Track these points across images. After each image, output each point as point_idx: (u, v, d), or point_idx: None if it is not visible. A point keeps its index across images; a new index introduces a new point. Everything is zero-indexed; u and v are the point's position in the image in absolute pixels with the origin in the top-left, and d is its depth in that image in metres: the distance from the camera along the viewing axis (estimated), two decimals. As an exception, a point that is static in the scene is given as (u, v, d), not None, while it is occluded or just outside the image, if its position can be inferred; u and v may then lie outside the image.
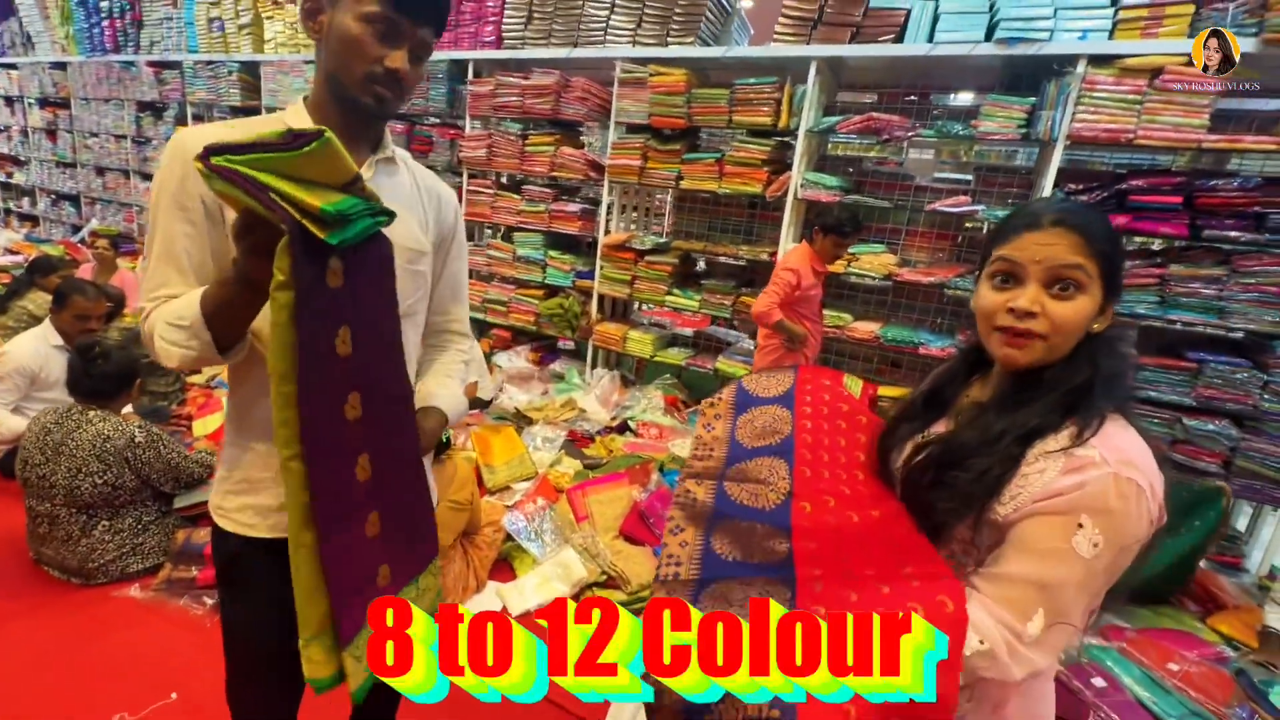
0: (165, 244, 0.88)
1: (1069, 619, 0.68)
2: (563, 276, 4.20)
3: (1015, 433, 0.73)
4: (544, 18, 3.91)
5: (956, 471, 0.75)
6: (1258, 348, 2.73)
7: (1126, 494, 0.66)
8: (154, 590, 2.02)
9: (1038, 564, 0.68)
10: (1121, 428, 0.72)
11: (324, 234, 0.69)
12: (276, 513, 0.95)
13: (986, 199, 3.28)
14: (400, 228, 0.95)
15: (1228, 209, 2.53)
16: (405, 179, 1.04)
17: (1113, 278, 0.75)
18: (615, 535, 2.38)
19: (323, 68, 0.91)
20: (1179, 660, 1.92)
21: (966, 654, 0.64)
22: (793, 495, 0.80)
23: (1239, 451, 2.64)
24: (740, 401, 0.97)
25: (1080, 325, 0.74)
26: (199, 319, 0.81)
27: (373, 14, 0.85)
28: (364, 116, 0.93)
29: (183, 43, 5.73)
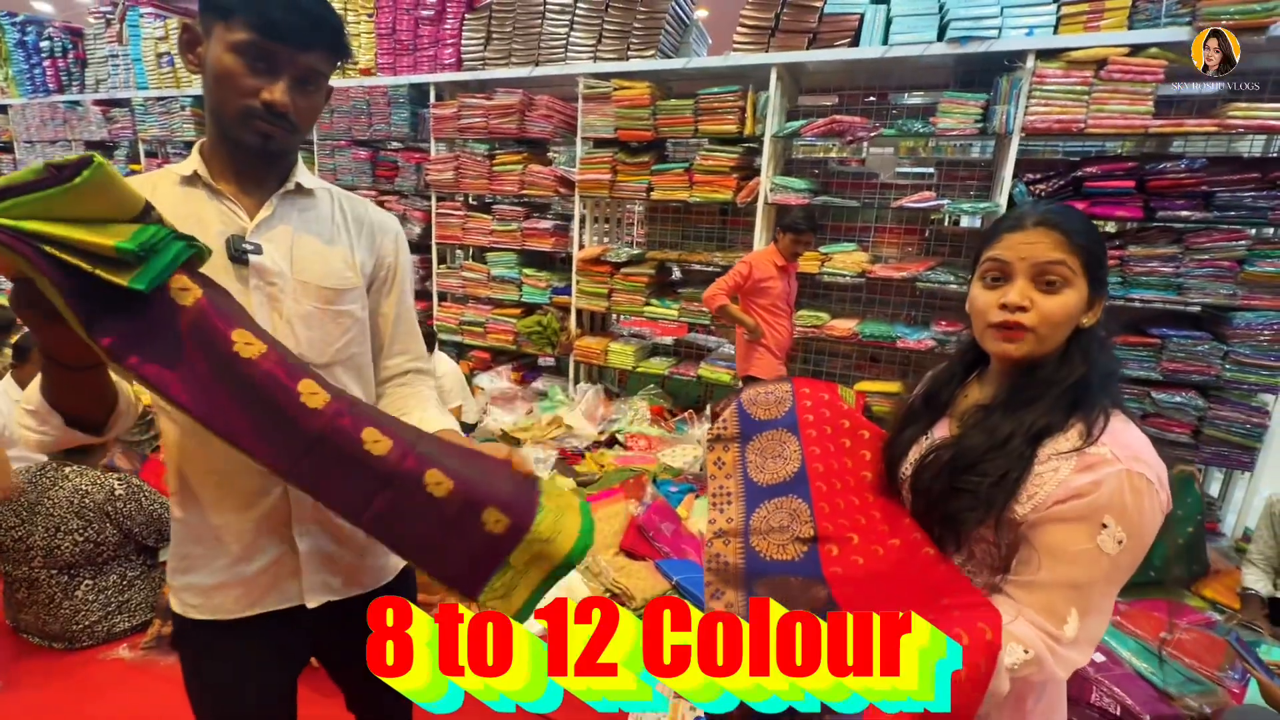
0: None
1: (1104, 614, 0.72)
2: (539, 294, 4.19)
3: (1024, 433, 0.76)
4: (503, 38, 3.91)
5: (972, 476, 0.77)
6: (1215, 320, 2.85)
7: (1140, 489, 0.70)
8: (143, 649, 1.95)
9: (1068, 568, 0.71)
10: (1124, 424, 0.76)
11: (126, 280, 0.58)
12: (213, 592, 0.88)
13: (949, 193, 3.37)
14: (316, 265, 0.89)
15: (1177, 190, 2.65)
16: (325, 210, 0.93)
17: (1096, 272, 0.78)
18: (615, 551, 2.37)
19: (206, 104, 0.83)
20: (1171, 629, 1.98)
21: (1014, 664, 0.68)
22: (817, 540, 0.81)
23: (1206, 420, 2.75)
24: (745, 430, 0.97)
25: (1067, 318, 0.77)
26: (41, 403, 0.74)
27: (242, 43, 0.76)
28: (254, 156, 0.85)
29: (131, 79, 5.58)
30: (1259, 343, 2.63)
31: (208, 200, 0.85)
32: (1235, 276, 2.63)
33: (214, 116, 0.83)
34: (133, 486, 2.00)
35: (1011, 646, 0.68)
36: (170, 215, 0.69)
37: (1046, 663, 0.69)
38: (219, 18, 0.77)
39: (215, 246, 0.80)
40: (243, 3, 0.76)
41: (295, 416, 0.68)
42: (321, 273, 0.90)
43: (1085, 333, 0.79)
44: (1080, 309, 0.78)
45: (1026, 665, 0.68)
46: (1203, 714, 1.68)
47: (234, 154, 0.85)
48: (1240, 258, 2.61)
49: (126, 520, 1.96)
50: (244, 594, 0.89)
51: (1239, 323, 2.65)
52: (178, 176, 0.85)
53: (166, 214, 0.69)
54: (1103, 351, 0.79)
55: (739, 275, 2.95)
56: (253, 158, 0.85)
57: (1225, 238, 2.63)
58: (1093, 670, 1.80)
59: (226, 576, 0.88)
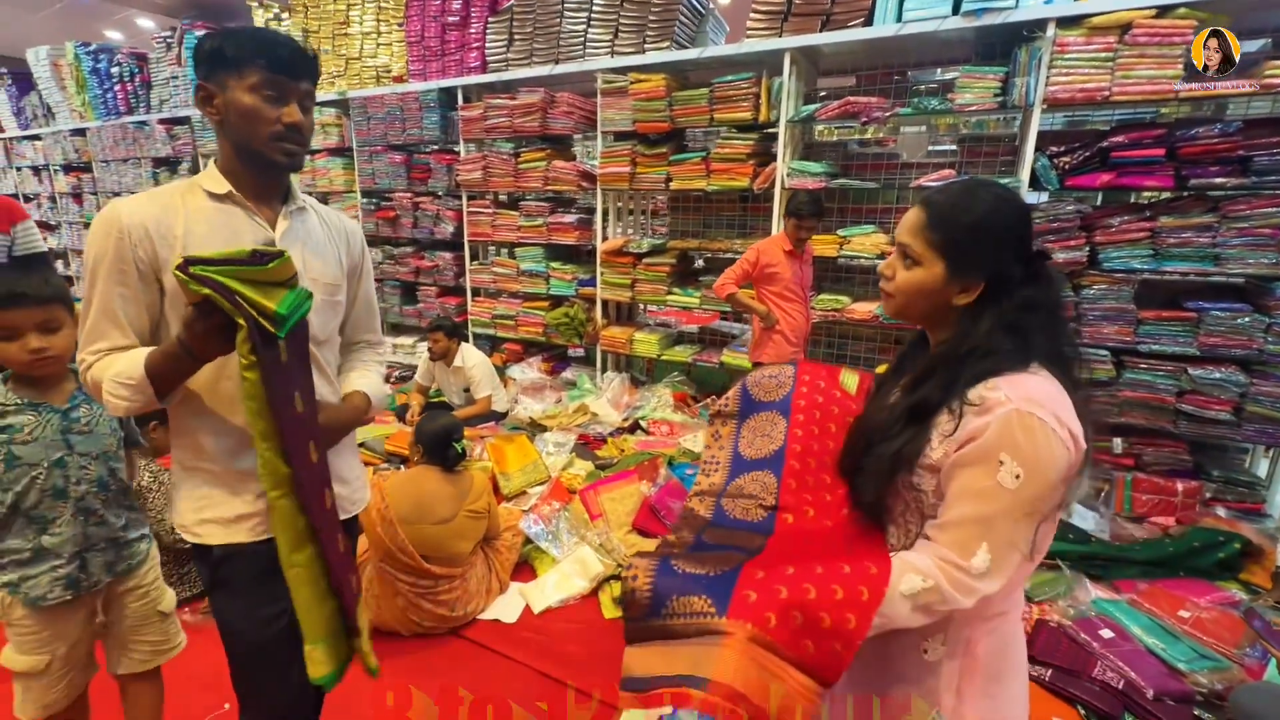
0: (104, 304, 1.00)
1: (1014, 546, 0.77)
2: (566, 286, 4.31)
3: (907, 413, 0.84)
4: (524, 39, 4.03)
5: (868, 459, 0.87)
6: (1257, 291, 2.71)
7: (1030, 426, 0.74)
8: (202, 614, 2.17)
9: (972, 505, 0.77)
10: (1036, 376, 0.80)
11: (277, 330, 0.90)
12: (233, 524, 1.09)
13: (972, 169, 3.30)
14: (318, 265, 1.14)
15: (1211, 156, 2.53)
16: (314, 220, 1.18)
17: (956, 257, 0.83)
18: (628, 530, 2.47)
19: (228, 140, 1.05)
20: (1190, 607, 1.93)
21: (912, 590, 0.75)
22: (778, 508, 0.90)
23: (1248, 397, 2.62)
24: (744, 408, 1.04)
25: (915, 291, 0.86)
26: (143, 379, 0.96)
27: (258, 83, 1.00)
28: (274, 173, 1.08)
29: (189, 99, 6.00)
30: (1305, 314, 2.50)
31: (240, 215, 1.07)
32: (1277, 244, 2.50)
33: (240, 147, 1.05)
34: (161, 480, 2.06)
35: (909, 577, 0.76)
36: (208, 228, 1.03)
37: (945, 589, 0.76)
38: (231, 70, 1.00)
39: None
40: (249, 53, 0.99)
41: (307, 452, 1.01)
42: (323, 271, 1.16)
43: (970, 311, 0.84)
44: (934, 286, 0.85)
45: (926, 593, 0.76)
46: (1213, 690, 1.65)
47: (257, 174, 1.07)
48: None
49: (149, 515, 1.97)
50: (259, 523, 1.10)
51: (1283, 293, 2.52)
52: (206, 193, 1.06)
53: (205, 227, 1.03)
54: (974, 327, 0.83)
55: (746, 263, 2.98)
56: (273, 175, 1.09)
57: (1265, 204, 2.50)
58: (1099, 645, 1.79)
59: (243, 509, 1.09)
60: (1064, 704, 1.65)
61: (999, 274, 0.83)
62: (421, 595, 2.03)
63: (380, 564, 2.03)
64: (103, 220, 1.00)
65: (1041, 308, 0.82)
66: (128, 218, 0.99)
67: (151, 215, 1.01)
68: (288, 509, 0.96)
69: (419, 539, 2.01)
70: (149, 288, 1.02)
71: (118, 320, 1.01)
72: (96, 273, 1.00)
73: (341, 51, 4.89)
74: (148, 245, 1.00)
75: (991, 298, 0.83)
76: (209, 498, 1.09)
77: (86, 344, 1.02)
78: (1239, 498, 2.72)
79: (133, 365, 0.96)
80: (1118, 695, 1.64)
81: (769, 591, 0.72)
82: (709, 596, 0.73)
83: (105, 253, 0.99)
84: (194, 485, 1.10)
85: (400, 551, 1.98)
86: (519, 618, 2.16)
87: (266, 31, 1.03)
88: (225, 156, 1.07)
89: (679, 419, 3.66)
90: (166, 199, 1.04)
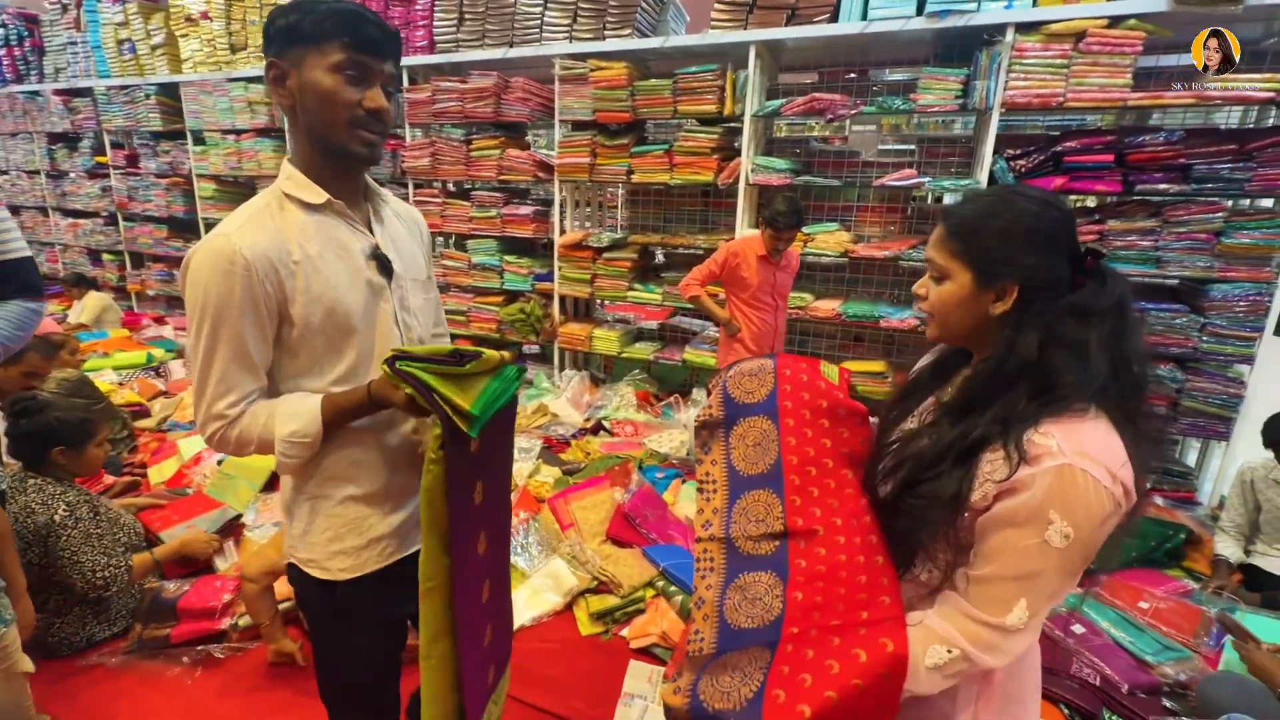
0: (237, 349, 0.91)
1: (1053, 600, 0.74)
2: (521, 280, 4.14)
3: (959, 448, 0.78)
4: (476, 18, 3.81)
5: (916, 500, 0.80)
6: (1192, 293, 2.88)
7: (1077, 483, 0.69)
8: (125, 654, 1.92)
9: (1015, 562, 0.72)
10: (1087, 420, 0.73)
11: (467, 428, 0.89)
12: (363, 550, 1.05)
13: (931, 170, 3.36)
14: (411, 263, 1.09)
15: (1156, 163, 2.65)
16: (391, 215, 1.10)
17: (981, 262, 0.79)
18: (602, 540, 2.37)
19: (303, 128, 0.94)
20: (1148, 598, 2.02)
21: (940, 663, 0.73)
22: (787, 535, 0.86)
23: (1184, 393, 2.78)
24: (729, 414, 0.98)
25: (948, 305, 0.83)
26: (320, 434, 0.95)
27: (341, 62, 0.89)
28: (353, 166, 0.98)
29: (91, 67, 5.40)
30: (1235, 314, 2.66)
31: (342, 226, 0.99)
32: (1212, 249, 2.65)
33: (317, 136, 0.94)
34: (80, 517, 1.84)
35: (934, 649, 0.73)
36: (319, 246, 0.94)
37: (973, 654, 0.72)
38: (310, 44, 0.89)
39: (361, 264, 0.99)
40: (333, 27, 0.88)
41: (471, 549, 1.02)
42: (416, 269, 1.11)
43: (1008, 323, 0.79)
44: (965, 296, 0.81)
45: (953, 663, 0.72)
46: (1178, 680, 1.71)
47: (338, 170, 0.97)
48: (1217, 230, 2.63)
49: (59, 555, 1.79)
50: (385, 546, 1.07)
51: (1215, 294, 2.68)
52: (301, 204, 0.95)
53: (315, 246, 0.94)
54: (1019, 339, 0.77)
55: (714, 264, 2.84)
56: (356, 169, 0.99)
57: (1202, 210, 2.64)
58: (1073, 642, 1.84)
59: (375, 534, 1.06)
60: (1048, 704, 1.68)
61: (1036, 277, 0.77)
62: (382, 622, 1.87)
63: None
64: (219, 256, 0.88)
65: (1095, 314, 0.75)
66: (249, 250, 0.88)
67: (268, 243, 0.91)
68: (437, 602, 0.94)
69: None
70: (273, 324, 0.94)
71: (251, 365, 0.93)
72: (224, 316, 0.89)
73: (270, 23, 4.50)
74: (274, 278, 0.91)
75: (1034, 305, 0.77)
76: (341, 526, 1.04)
77: (217, 396, 0.92)
78: (1174, 487, 2.90)
79: (309, 423, 0.94)
80: (1095, 691, 1.69)
81: (794, 714, 0.71)
82: None
83: (231, 292, 0.88)
84: (326, 515, 1.04)
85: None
86: (489, 639, 2.03)
87: (348, 4, 0.90)
88: (303, 153, 0.97)
89: (643, 419, 3.58)
90: (268, 221, 0.93)
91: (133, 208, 5.62)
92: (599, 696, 1.81)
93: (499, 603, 1.14)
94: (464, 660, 0.98)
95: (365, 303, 0.98)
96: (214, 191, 5.21)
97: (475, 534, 1.00)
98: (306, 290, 0.93)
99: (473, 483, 0.98)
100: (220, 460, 2.88)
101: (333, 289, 0.95)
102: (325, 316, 0.94)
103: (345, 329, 0.97)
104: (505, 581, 1.18)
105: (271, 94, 0.95)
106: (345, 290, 0.96)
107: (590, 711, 1.77)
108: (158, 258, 5.80)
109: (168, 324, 5.43)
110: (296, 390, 0.98)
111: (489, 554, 1.05)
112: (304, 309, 0.93)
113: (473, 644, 1.01)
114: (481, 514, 1.01)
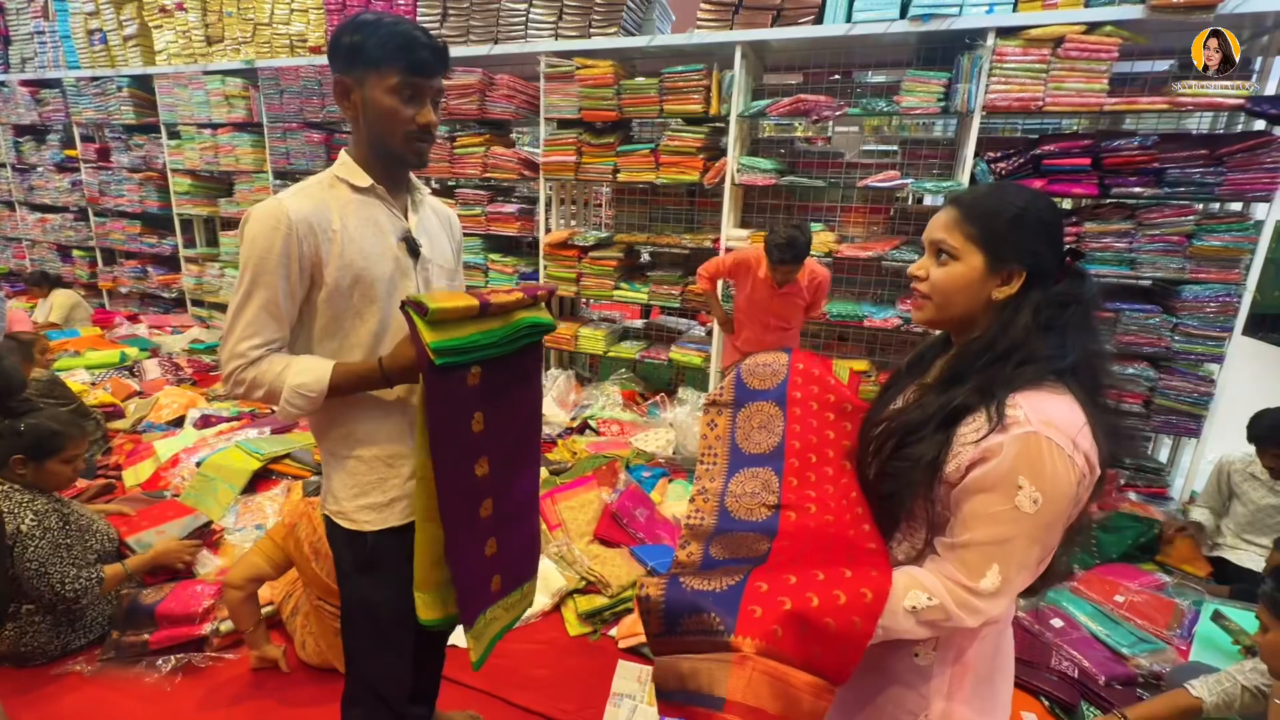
0: (268, 299, 1.02)
1: (1024, 567, 0.77)
2: (506, 279, 4.11)
3: (941, 414, 0.82)
4: (460, 14, 3.77)
5: (901, 463, 0.84)
6: (1165, 293, 2.95)
7: (1044, 450, 0.74)
8: (101, 661, 1.88)
9: (988, 528, 0.77)
10: (1052, 394, 0.78)
11: (431, 357, 0.98)
12: (386, 507, 1.16)
13: (913, 171, 3.40)
14: (440, 253, 1.21)
15: (1130, 167, 2.71)
16: (428, 210, 1.22)
17: (994, 245, 0.82)
18: (590, 540, 2.37)
19: (363, 132, 1.08)
20: (1124, 592, 2.07)
21: (919, 605, 0.76)
22: (780, 506, 0.88)
23: (1157, 391, 2.86)
24: (739, 397, 1.03)
25: (954, 287, 0.85)
26: (324, 392, 1.04)
27: (397, 85, 1.03)
28: (405, 169, 1.14)
29: (60, 58, 5.25)
30: (1205, 315, 2.74)
31: (381, 207, 1.11)
32: (1184, 251, 2.72)
33: (375, 142, 1.08)
34: (49, 526, 1.77)
35: (914, 592, 0.77)
36: (358, 220, 1.07)
37: (951, 609, 0.76)
38: (370, 69, 1.02)
39: (392, 243, 1.11)
40: (391, 53, 1.01)
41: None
42: (445, 258, 1.23)
43: (1005, 307, 0.83)
44: (974, 280, 0.84)
45: (930, 610, 0.76)
46: (1152, 671, 1.76)
47: (390, 168, 1.11)
48: (1189, 232, 2.70)
49: (26, 566, 1.72)
50: (407, 505, 1.17)
51: (1187, 295, 2.75)
52: (349, 186, 1.09)
53: (355, 220, 1.07)
54: (1014, 322, 0.81)
55: (723, 263, 2.87)
56: (406, 169, 1.14)
57: (1175, 213, 2.71)
58: (1052, 636, 1.88)
59: (396, 494, 1.16)
60: (1028, 696, 1.71)
61: (1040, 265, 0.82)
62: (368, 625, 1.85)
63: (317, 601, 1.83)
64: (269, 215, 1.01)
65: (1075, 304, 0.81)
66: (294, 213, 1.01)
67: (312, 210, 1.03)
68: (423, 493, 1.05)
69: (363, 564, 1.81)
70: (304, 282, 1.05)
71: (278, 315, 1.04)
72: (264, 267, 1.01)
73: (249, 15, 4.41)
74: (312, 240, 1.03)
75: (1033, 292, 0.82)
76: (365, 484, 1.15)
77: (244, 337, 1.03)
78: (1147, 483, 2.97)
79: (317, 380, 1.03)
80: (1074, 683, 1.73)
81: (773, 604, 0.74)
82: (717, 613, 0.75)
83: (273, 247, 1.01)
84: (349, 472, 1.15)
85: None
86: (477, 641, 2.02)
87: (404, 26, 1.02)
88: (361, 149, 1.10)
89: (629, 418, 3.58)
90: (317, 193, 1.06)
91: (104, 202, 5.48)
92: (587, 697, 1.82)
93: (513, 524, 1.22)
94: (453, 557, 1.08)
95: (390, 277, 1.10)
96: (190, 186, 5.09)
97: (471, 456, 1.08)
98: (340, 256, 1.05)
99: (470, 411, 1.07)
100: (199, 461, 2.82)
101: (363, 258, 1.07)
102: (353, 282, 1.06)
103: (369, 297, 1.08)
104: (526, 508, 1.27)
105: (336, 103, 1.08)
106: (374, 262, 1.08)
107: (579, 712, 1.77)
108: (130, 254, 5.66)
109: (141, 322, 5.31)
110: (320, 349, 1.10)
111: (492, 477, 1.12)
112: (336, 273, 1.05)
113: (463, 548, 1.10)
114: (482, 441, 1.09)
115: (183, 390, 3.82)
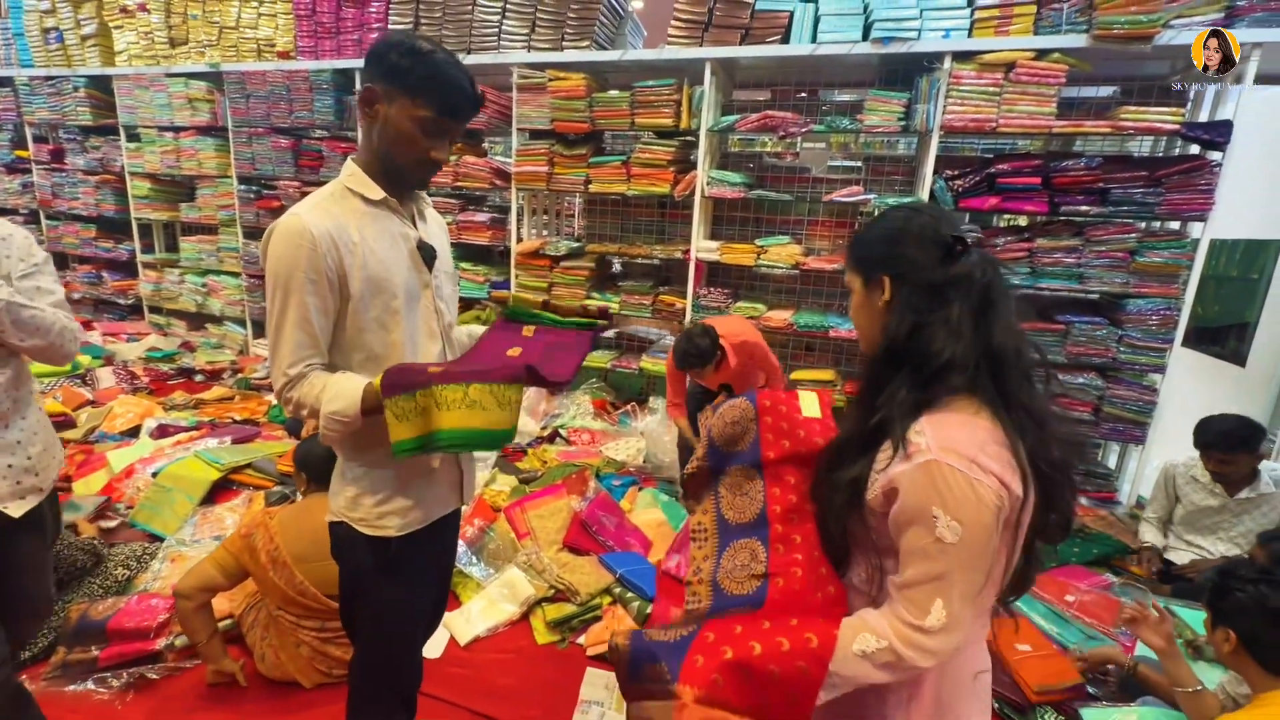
0: (301, 316, 1.03)
1: (967, 598, 0.76)
2: (477, 288, 4.09)
3: (860, 437, 0.85)
4: (432, 24, 3.78)
5: (827, 490, 0.87)
6: (1111, 306, 3.10)
7: (944, 476, 0.73)
8: (46, 679, 1.80)
9: (922, 564, 0.76)
10: (957, 413, 0.78)
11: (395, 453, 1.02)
12: (409, 510, 1.17)
13: (877, 187, 3.51)
14: (443, 255, 1.23)
15: (1078, 186, 2.85)
16: (430, 214, 1.24)
17: (864, 264, 0.90)
18: (559, 548, 2.37)
19: (374, 142, 1.08)
20: (1074, 592, 2.16)
21: (868, 650, 0.76)
22: (768, 575, 0.91)
23: (1105, 399, 2.99)
24: (714, 465, 1.03)
25: (857, 316, 0.92)
26: (358, 417, 1.02)
27: (424, 118, 1.03)
28: (405, 187, 1.15)
29: (13, 56, 5.08)
30: (1148, 327, 2.88)
31: (394, 219, 1.13)
32: (1128, 266, 2.87)
33: (384, 155, 1.08)
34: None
35: (863, 636, 0.77)
36: (375, 231, 1.09)
37: (900, 650, 0.75)
38: (406, 92, 1.02)
39: (406, 253, 1.13)
40: (431, 90, 1.02)
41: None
42: (446, 263, 1.25)
43: (889, 313, 0.85)
44: (862, 301, 0.90)
45: (881, 652, 0.76)
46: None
47: (397, 182, 1.12)
48: (1132, 249, 2.84)
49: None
50: (430, 508, 1.21)
51: (1131, 309, 2.89)
52: (360, 197, 1.09)
53: (372, 231, 1.08)
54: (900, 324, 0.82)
55: (669, 387, 2.85)
56: (411, 186, 1.16)
57: (1119, 230, 2.86)
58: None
59: (417, 499, 1.17)
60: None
61: (900, 266, 0.84)
62: (328, 641, 1.81)
63: (277, 611, 1.79)
64: (290, 231, 1.01)
65: (951, 288, 0.80)
66: (316, 228, 1.01)
67: (332, 224, 1.04)
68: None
69: (320, 578, 1.76)
70: (334, 296, 1.05)
71: (313, 332, 1.04)
72: (291, 284, 1.01)
73: (214, 18, 4.34)
74: (335, 254, 1.03)
75: (903, 290, 0.83)
76: (389, 494, 1.15)
77: (287, 359, 1.03)
78: (1097, 488, 3.10)
79: (350, 404, 1.02)
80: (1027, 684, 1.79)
81: (715, 653, 0.78)
82: (665, 663, 0.80)
83: (298, 263, 1.01)
84: (372, 484, 1.15)
85: (300, 595, 1.75)
86: (443, 652, 2.00)
87: (454, 71, 1.03)
88: (368, 156, 1.10)
89: (599, 426, 3.59)
90: (331, 207, 1.06)
91: (57, 205, 5.29)
92: (556, 704, 1.81)
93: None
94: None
95: (410, 286, 1.13)
96: (149, 190, 4.95)
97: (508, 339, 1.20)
98: (363, 267, 1.06)
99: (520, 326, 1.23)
100: (155, 472, 2.74)
101: (384, 269, 1.08)
102: (375, 293, 1.08)
103: (391, 307, 1.10)
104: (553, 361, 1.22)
105: (357, 107, 1.08)
106: (394, 272, 1.10)
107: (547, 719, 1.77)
108: (84, 259, 5.46)
109: (95, 329, 5.12)
110: (348, 361, 1.10)
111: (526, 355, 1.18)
112: (359, 284, 1.05)
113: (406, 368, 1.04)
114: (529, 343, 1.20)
115: (139, 399, 3.70)
